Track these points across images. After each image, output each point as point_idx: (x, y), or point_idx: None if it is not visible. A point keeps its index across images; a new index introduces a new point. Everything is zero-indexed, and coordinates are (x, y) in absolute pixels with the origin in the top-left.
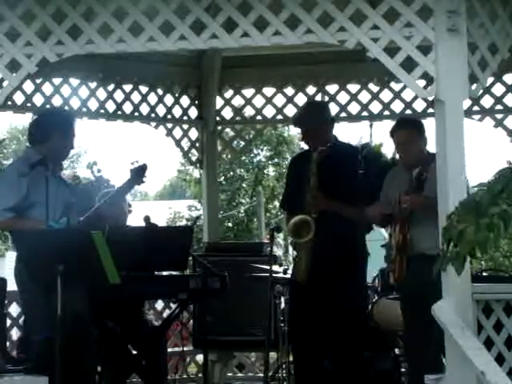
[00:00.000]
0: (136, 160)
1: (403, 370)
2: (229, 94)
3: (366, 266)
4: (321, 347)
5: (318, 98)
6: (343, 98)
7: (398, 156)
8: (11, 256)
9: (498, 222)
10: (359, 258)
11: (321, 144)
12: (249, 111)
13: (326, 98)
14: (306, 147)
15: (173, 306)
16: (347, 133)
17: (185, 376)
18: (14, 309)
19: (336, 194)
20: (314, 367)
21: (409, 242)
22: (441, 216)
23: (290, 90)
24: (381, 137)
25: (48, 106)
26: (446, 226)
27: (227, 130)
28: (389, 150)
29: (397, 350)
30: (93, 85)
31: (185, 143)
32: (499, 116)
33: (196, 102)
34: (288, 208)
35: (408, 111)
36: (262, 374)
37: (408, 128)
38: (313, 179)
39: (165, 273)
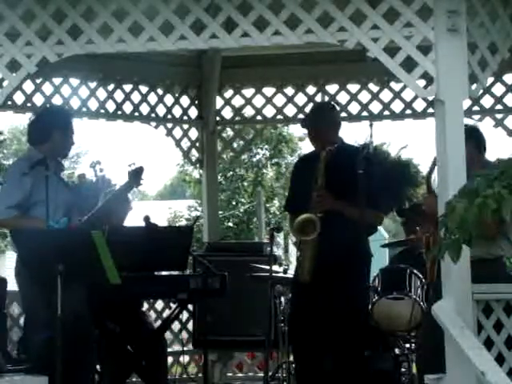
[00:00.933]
0: (133, 162)
1: (403, 369)
2: (229, 93)
3: (369, 268)
4: (321, 347)
5: (318, 97)
6: (343, 97)
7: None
8: (11, 255)
9: (491, 203)
10: (362, 259)
11: (327, 145)
12: (249, 111)
13: (326, 98)
14: (306, 148)
15: (173, 305)
16: (346, 133)
17: (185, 376)
18: (14, 309)
19: (342, 194)
20: (315, 367)
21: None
22: (440, 214)
23: (289, 90)
24: (381, 137)
25: (44, 105)
26: (444, 213)
27: (227, 129)
28: (390, 149)
29: (397, 350)
30: (93, 85)
31: (185, 143)
32: (499, 116)
33: (196, 102)
34: (293, 209)
35: (408, 111)
36: (261, 374)
37: None
38: (320, 179)
39: (165, 273)
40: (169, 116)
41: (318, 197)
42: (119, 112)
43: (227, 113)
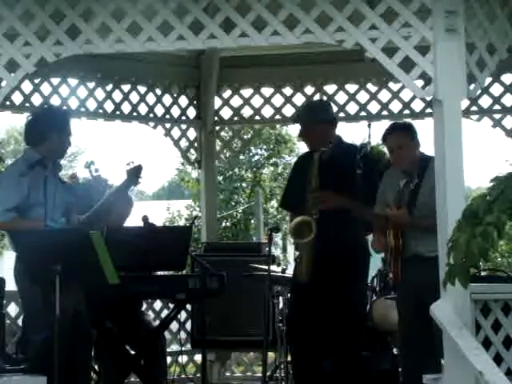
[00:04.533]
0: (131, 161)
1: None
2: (227, 94)
3: (368, 267)
4: (320, 347)
5: (317, 98)
6: (341, 98)
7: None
8: (10, 256)
9: (492, 230)
10: (360, 259)
11: (319, 144)
12: (247, 111)
13: (325, 98)
14: (305, 148)
15: (171, 305)
16: (345, 133)
17: (183, 376)
18: (13, 309)
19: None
20: (313, 367)
21: (401, 247)
22: (439, 218)
23: (288, 90)
24: (379, 137)
25: (42, 106)
26: (450, 237)
27: (226, 130)
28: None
29: (395, 350)
30: (91, 85)
31: (183, 143)
32: (497, 116)
33: (194, 102)
34: (285, 205)
35: (406, 111)
36: (260, 374)
37: (398, 132)
38: (314, 180)
39: (163, 273)
40: (167, 116)
41: (315, 198)
42: (117, 112)
43: (225, 113)
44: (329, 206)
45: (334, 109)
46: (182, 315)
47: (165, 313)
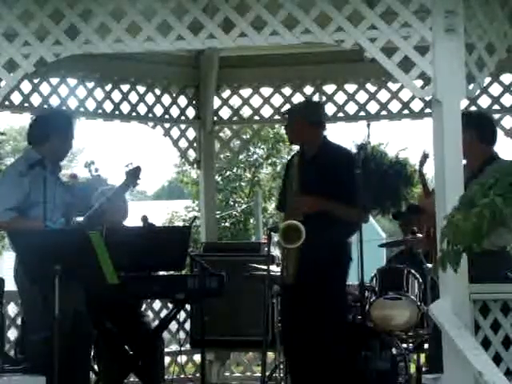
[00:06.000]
0: (130, 162)
1: (400, 369)
2: (226, 93)
3: (342, 269)
4: (308, 348)
5: (316, 98)
6: (340, 98)
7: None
8: (10, 256)
9: (487, 211)
10: (332, 261)
11: (298, 141)
12: (246, 111)
13: (324, 98)
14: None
15: (170, 305)
16: (344, 133)
17: (182, 376)
18: (13, 309)
19: (322, 195)
20: (304, 367)
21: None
22: (438, 215)
23: (287, 90)
24: (378, 137)
25: (47, 107)
26: (445, 225)
27: (225, 129)
28: (388, 150)
29: (394, 350)
30: (90, 85)
31: (182, 143)
32: (496, 116)
33: (193, 102)
34: (280, 209)
35: (405, 111)
36: (259, 374)
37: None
38: (295, 184)
39: (162, 273)
40: (166, 116)
41: (295, 203)
42: (117, 112)
43: (225, 113)
44: (310, 211)
45: (333, 109)
46: (182, 315)
47: (164, 313)
